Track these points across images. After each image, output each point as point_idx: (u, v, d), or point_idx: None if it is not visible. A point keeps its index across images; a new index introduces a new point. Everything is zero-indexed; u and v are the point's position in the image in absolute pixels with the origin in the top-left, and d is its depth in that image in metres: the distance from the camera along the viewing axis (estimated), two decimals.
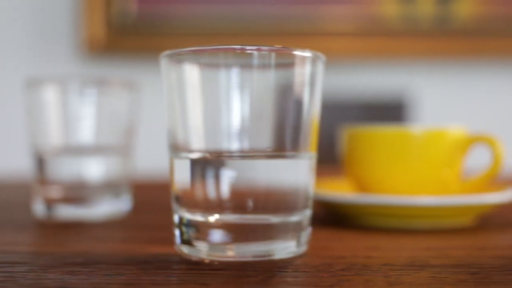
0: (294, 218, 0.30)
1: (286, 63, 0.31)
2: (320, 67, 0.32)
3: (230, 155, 0.29)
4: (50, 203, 0.44)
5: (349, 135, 0.44)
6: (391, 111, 1.44)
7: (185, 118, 0.30)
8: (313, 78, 0.32)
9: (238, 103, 0.29)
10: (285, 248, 0.29)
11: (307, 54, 0.31)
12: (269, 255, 0.29)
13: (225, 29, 1.47)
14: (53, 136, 0.45)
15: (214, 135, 0.29)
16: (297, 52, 0.31)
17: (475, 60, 1.54)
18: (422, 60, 1.53)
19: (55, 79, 0.46)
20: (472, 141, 0.42)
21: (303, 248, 0.31)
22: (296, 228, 0.30)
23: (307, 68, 0.31)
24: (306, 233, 0.31)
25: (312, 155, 0.32)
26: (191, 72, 0.30)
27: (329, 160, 1.38)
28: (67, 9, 1.48)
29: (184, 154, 0.30)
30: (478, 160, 1.53)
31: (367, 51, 1.49)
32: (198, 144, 0.30)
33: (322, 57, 0.32)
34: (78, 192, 0.44)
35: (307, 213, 0.31)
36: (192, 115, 0.30)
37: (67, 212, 0.44)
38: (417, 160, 0.42)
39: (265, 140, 0.30)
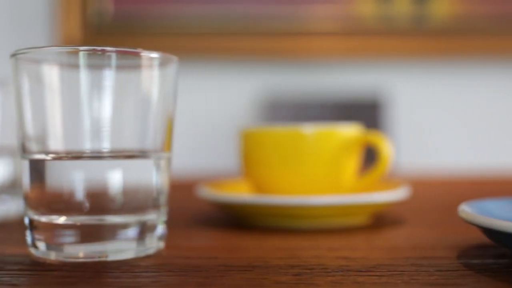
0: (137, 218, 0.30)
1: (134, 65, 0.31)
2: (172, 69, 0.33)
3: (71, 155, 0.29)
4: None
5: (244, 135, 0.44)
6: (367, 111, 1.43)
7: (28, 119, 0.30)
8: (164, 79, 0.32)
9: (86, 103, 0.30)
10: (125, 249, 0.30)
11: (155, 55, 0.31)
12: (106, 256, 0.29)
13: (203, 29, 1.47)
14: None
15: (60, 135, 0.30)
16: (144, 54, 0.31)
17: (451, 60, 1.53)
18: (399, 59, 1.52)
19: None
20: (361, 141, 0.42)
21: (152, 249, 0.31)
22: (141, 228, 0.30)
23: (156, 70, 0.31)
24: (155, 234, 0.31)
25: (163, 155, 0.32)
26: (44, 72, 0.30)
27: None
28: (43, 9, 1.49)
29: (28, 155, 0.31)
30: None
31: (344, 51, 1.48)
32: (39, 145, 0.30)
33: (174, 58, 0.33)
34: None
35: (156, 213, 0.31)
36: (38, 116, 0.30)
37: None
38: (308, 160, 0.42)
39: (113, 141, 0.30)
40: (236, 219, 0.44)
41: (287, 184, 0.42)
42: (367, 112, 1.43)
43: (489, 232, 0.28)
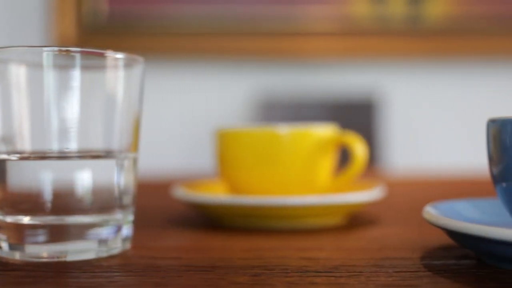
0: (99, 219, 0.30)
1: (100, 65, 0.31)
2: (138, 70, 0.33)
3: (35, 156, 0.29)
4: None
5: (220, 136, 0.44)
6: (362, 111, 1.43)
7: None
8: (129, 80, 0.32)
9: (52, 103, 0.30)
10: (86, 249, 0.30)
11: (120, 56, 0.31)
12: (65, 256, 0.29)
13: (198, 29, 1.47)
14: None
15: (26, 135, 0.30)
16: (109, 55, 0.31)
17: (446, 60, 1.53)
18: (394, 60, 1.52)
19: None
20: (335, 142, 0.42)
21: (116, 249, 0.31)
22: (103, 229, 0.30)
23: (121, 70, 0.31)
24: (119, 234, 0.31)
25: (128, 155, 0.32)
26: (10, 72, 0.30)
27: None
28: (38, 8, 1.49)
29: None
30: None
31: (339, 51, 1.48)
32: (5, 145, 0.30)
33: (140, 59, 0.33)
34: None
35: (120, 214, 0.31)
36: (4, 116, 0.30)
37: None
38: (283, 161, 0.42)
39: (78, 141, 0.30)
40: (210, 220, 0.44)
41: (262, 184, 0.42)
42: (362, 112, 1.43)
43: (451, 233, 0.28)
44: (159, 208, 0.50)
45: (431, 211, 0.30)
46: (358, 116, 1.43)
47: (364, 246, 0.33)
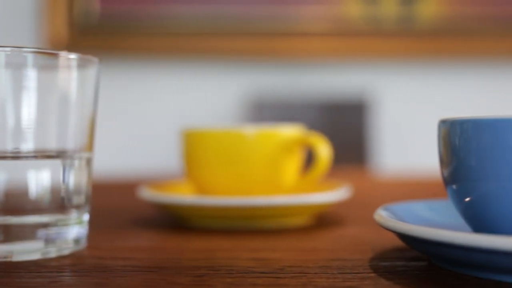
0: (47, 219, 0.30)
1: (53, 65, 0.31)
2: (92, 70, 0.33)
3: None
4: None
5: (186, 136, 0.44)
6: (354, 111, 1.43)
7: None
8: (83, 80, 0.32)
9: (4, 103, 0.30)
10: (32, 250, 0.30)
11: (73, 56, 0.31)
12: (10, 256, 0.29)
13: (189, 29, 1.47)
14: None
15: None
16: (63, 55, 0.31)
17: (438, 61, 1.53)
18: (386, 60, 1.52)
19: None
20: (300, 142, 0.42)
21: (67, 250, 0.31)
22: (51, 229, 0.30)
23: (75, 71, 0.31)
24: (69, 235, 0.31)
25: (82, 155, 0.32)
26: None
27: None
28: (30, 8, 1.49)
29: None
30: None
31: (331, 51, 1.48)
32: None
33: (95, 60, 0.33)
34: None
35: (70, 214, 0.31)
36: None
37: None
38: (248, 161, 0.42)
39: (31, 141, 0.30)
40: (175, 221, 0.44)
41: (228, 185, 0.42)
42: (353, 113, 1.43)
43: (399, 235, 0.28)
44: (125, 209, 0.50)
45: (381, 213, 0.30)
46: (349, 116, 1.43)
47: (318, 246, 0.33)
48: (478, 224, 0.30)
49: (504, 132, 0.28)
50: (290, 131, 0.43)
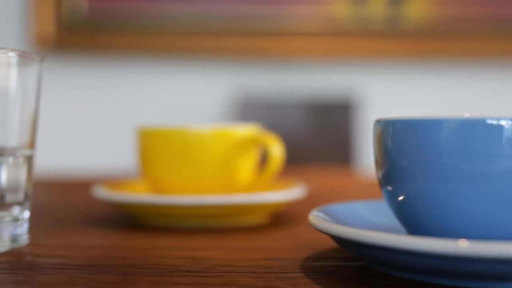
0: None
1: None
2: (34, 68, 0.33)
3: None
4: None
5: (140, 135, 0.44)
6: (341, 111, 1.43)
7: None
8: (24, 78, 0.32)
9: None
10: None
11: (13, 54, 0.31)
12: None
13: (177, 27, 1.47)
14: None
15: None
16: (2, 53, 0.31)
17: (425, 61, 1.53)
18: (373, 60, 1.52)
19: None
20: (253, 141, 0.42)
21: (3, 247, 0.31)
22: None
23: (15, 68, 0.31)
24: (5, 232, 0.31)
25: (23, 152, 0.32)
26: None
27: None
28: (17, 5, 1.49)
29: None
30: None
31: (318, 51, 1.48)
32: None
33: (36, 58, 0.33)
34: None
35: (7, 211, 0.31)
36: None
37: None
38: (200, 160, 0.42)
39: None
40: (129, 219, 0.44)
41: (182, 184, 0.42)
42: (340, 113, 1.43)
43: (331, 236, 0.28)
44: (78, 207, 0.49)
45: (316, 214, 0.30)
46: (336, 116, 1.43)
47: (260, 246, 0.33)
48: (412, 226, 0.30)
49: (434, 133, 0.28)
50: (244, 131, 0.43)
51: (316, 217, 0.29)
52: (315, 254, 0.31)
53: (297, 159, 1.39)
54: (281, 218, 0.44)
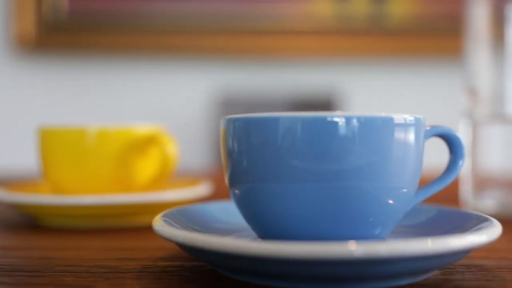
0: None
1: None
2: None
3: None
4: None
5: (39, 134, 0.43)
6: (323, 109, 1.42)
7: None
8: None
9: None
10: None
11: None
12: None
13: (158, 26, 1.47)
14: None
15: None
16: None
17: (408, 60, 1.51)
18: (355, 58, 1.50)
19: None
20: (148, 141, 0.42)
21: None
22: None
23: None
24: None
25: None
26: None
27: None
28: None
29: None
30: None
31: (300, 49, 1.47)
32: None
33: None
34: None
35: None
36: None
37: None
38: (93, 159, 0.41)
39: None
40: (30, 220, 0.43)
41: (79, 184, 0.42)
42: (323, 111, 1.41)
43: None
44: None
45: (160, 218, 0.28)
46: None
47: (125, 246, 0.33)
48: (258, 228, 0.29)
49: (271, 131, 0.27)
50: (140, 130, 0.42)
51: (157, 221, 0.28)
52: (169, 254, 0.31)
53: None
54: None
